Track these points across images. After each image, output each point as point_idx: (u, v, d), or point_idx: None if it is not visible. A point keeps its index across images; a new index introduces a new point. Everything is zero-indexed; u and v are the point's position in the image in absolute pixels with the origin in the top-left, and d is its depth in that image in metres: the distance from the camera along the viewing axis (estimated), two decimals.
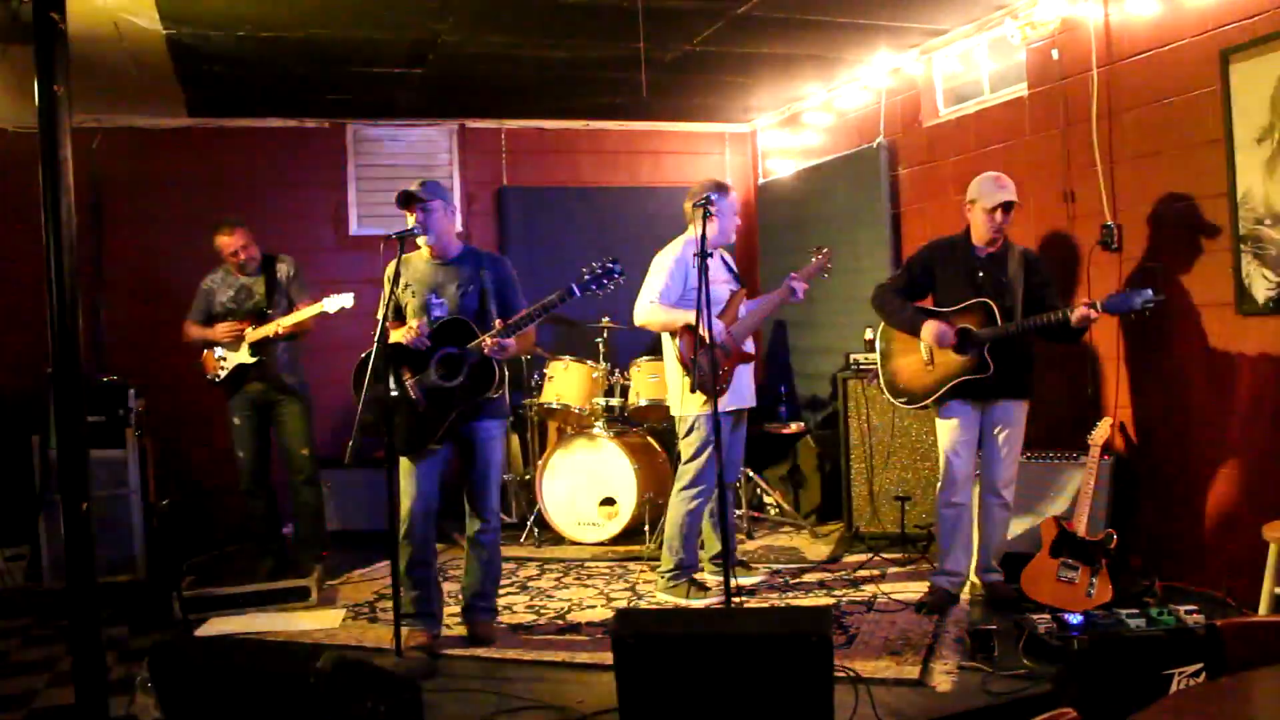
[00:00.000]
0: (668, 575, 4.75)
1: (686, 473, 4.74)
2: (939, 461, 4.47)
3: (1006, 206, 4.28)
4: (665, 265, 4.73)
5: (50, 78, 3.12)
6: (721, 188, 4.78)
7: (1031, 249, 4.44)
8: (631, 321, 4.83)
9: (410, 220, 4.08)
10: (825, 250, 4.92)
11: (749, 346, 4.83)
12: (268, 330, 5.12)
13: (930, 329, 4.33)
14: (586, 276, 3.96)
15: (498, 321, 3.99)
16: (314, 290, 5.28)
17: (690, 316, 4.33)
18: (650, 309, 4.67)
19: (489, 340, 3.93)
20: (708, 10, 4.86)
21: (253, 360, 5.17)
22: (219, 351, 5.25)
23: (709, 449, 4.62)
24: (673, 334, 4.69)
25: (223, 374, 5.22)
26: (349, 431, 3.91)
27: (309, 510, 5.43)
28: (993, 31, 5.29)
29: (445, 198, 4.15)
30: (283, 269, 5.33)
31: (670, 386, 4.86)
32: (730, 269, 4.94)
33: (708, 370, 4.22)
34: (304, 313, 5.12)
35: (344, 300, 5.07)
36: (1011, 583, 4.37)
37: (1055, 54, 4.90)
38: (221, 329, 5.23)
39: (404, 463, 4.08)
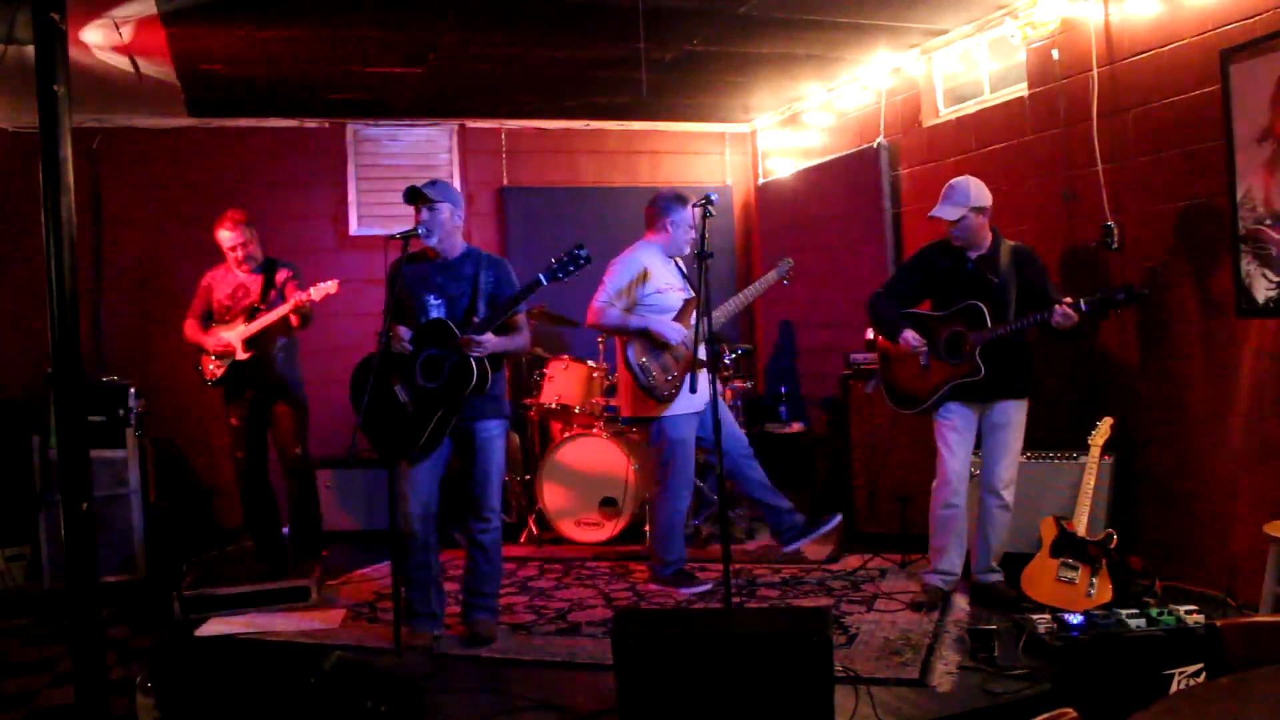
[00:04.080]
0: (657, 569, 4.94)
1: (661, 475, 4.89)
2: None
3: (942, 221, 4.31)
4: (617, 270, 4.87)
5: (50, 78, 3.12)
6: (681, 199, 4.95)
7: (1025, 244, 4.43)
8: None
9: (415, 219, 4.09)
10: (789, 262, 5.07)
11: (701, 353, 4.81)
12: (258, 326, 5.16)
13: (904, 339, 4.38)
14: (554, 264, 3.96)
15: (475, 319, 4.01)
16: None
17: (643, 322, 4.73)
18: (601, 311, 4.80)
19: (463, 338, 3.93)
20: (708, 10, 4.86)
21: (247, 356, 5.19)
22: (216, 345, 5.27)
23: (678, 450, 4.82)
24: (624, 339, 4.83)
25: (220, 373, 5.24)
26: (348, 431, 3.93)
27: (303, 508, 5.44)
28: (993, 31, 5.29)
29: (453, 199, 4.16)
30: (283, 274, 5.37)
31: (622, 391, 4.97)
32: (684, 276, 5.01)
33: (676, 374, 4.60)
34: (287, 306, 5.16)
35: (327, 286, 5.12)
36: (1011, 583, 4.38)
37: (1055, 54, 4.90)
38: (212, 342, 5.25)
39: (404, 464, 4.08)
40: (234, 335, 5.19)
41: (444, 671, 3.87)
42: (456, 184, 7.12)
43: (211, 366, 5.25)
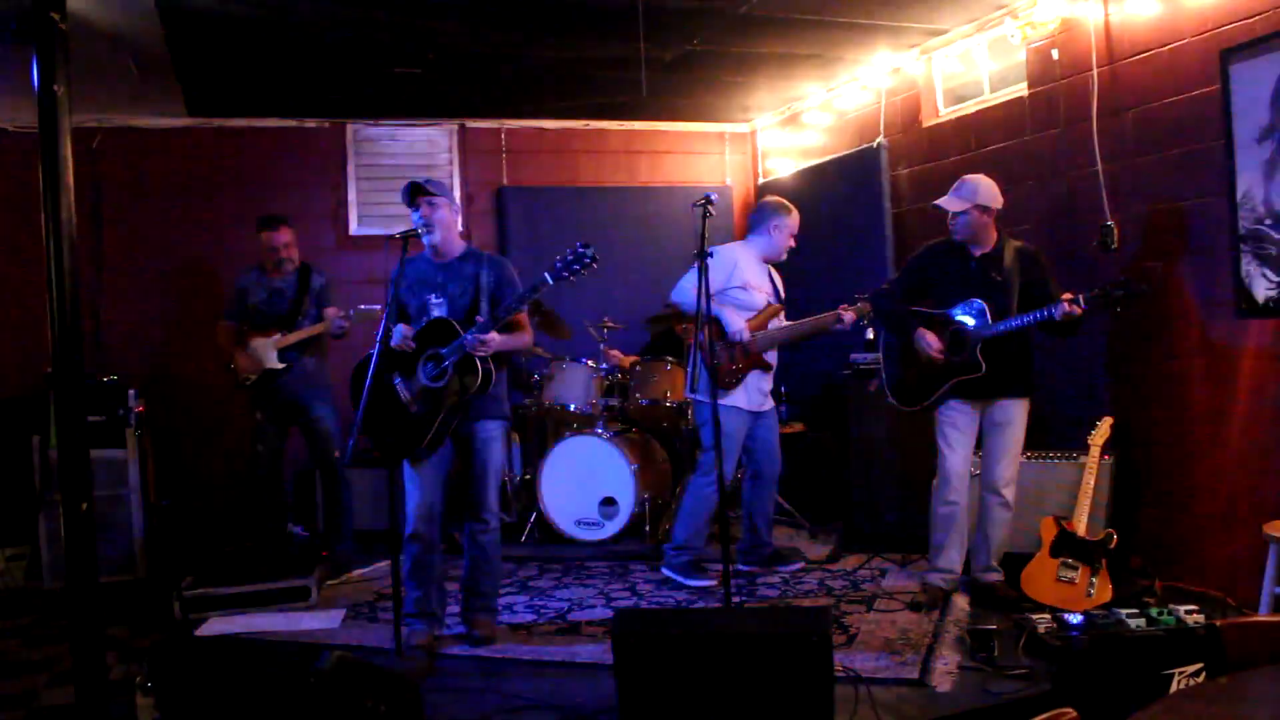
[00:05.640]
0: (670, 552, 4.98)
1: (702, 460, 4.94)
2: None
3: (944, 210, 4.35)
4: (710, 259, 4.93)
5: (50, 78, 3.12)
6: (785, 207, 5.09)
7: (1029, 245, 4.45)
8: (636, 318, 4.99)
9: (414, 217, 4.09)
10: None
11: (770, 357, 5.01)
12: (293, 339, 5.28)
13: (920, 339, 4.36)
14: (559, 264, 3.93)
15: (479, 319, 4.01)
16: (340, 303, 5.40)
17: (722, 311, 4.82)
18: (684, 290, 4.90)
19: (468, 337, 3.93)
20: (708, 10, 4.86)
21: (282, 366, 5.27)
22: (250, 352, 5.34)
23: (722, 441, 4.76)
24: (701, 323, 4.86)
25: (254, 378, 5.31)
26: (347, 430, 3.94)
27: (336, 507, 5.57)
28: (993, 31, 5.29)
29: (451, 197, 4.18)
30: (318, 280, 5.46)
31: (686, 370, 5.12)
32: (774, 283, 5.16)
33: (720, 361, 4.58)
34: (325, 326, 5.29)
35: (371, 311, 5.26)
36: (1011, 583, 4.38)
37: (1055, 54, 4.90)
38: (245, 362, 5.36)
39: (409, 463, 4.08)
40: (269, 344, 5.26)
41: (444, 671, 3.87)
42: (456, 184, 7.13)
43: (247, 371, 5.34)
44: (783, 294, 5.19)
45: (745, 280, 4.95)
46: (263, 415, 5.39)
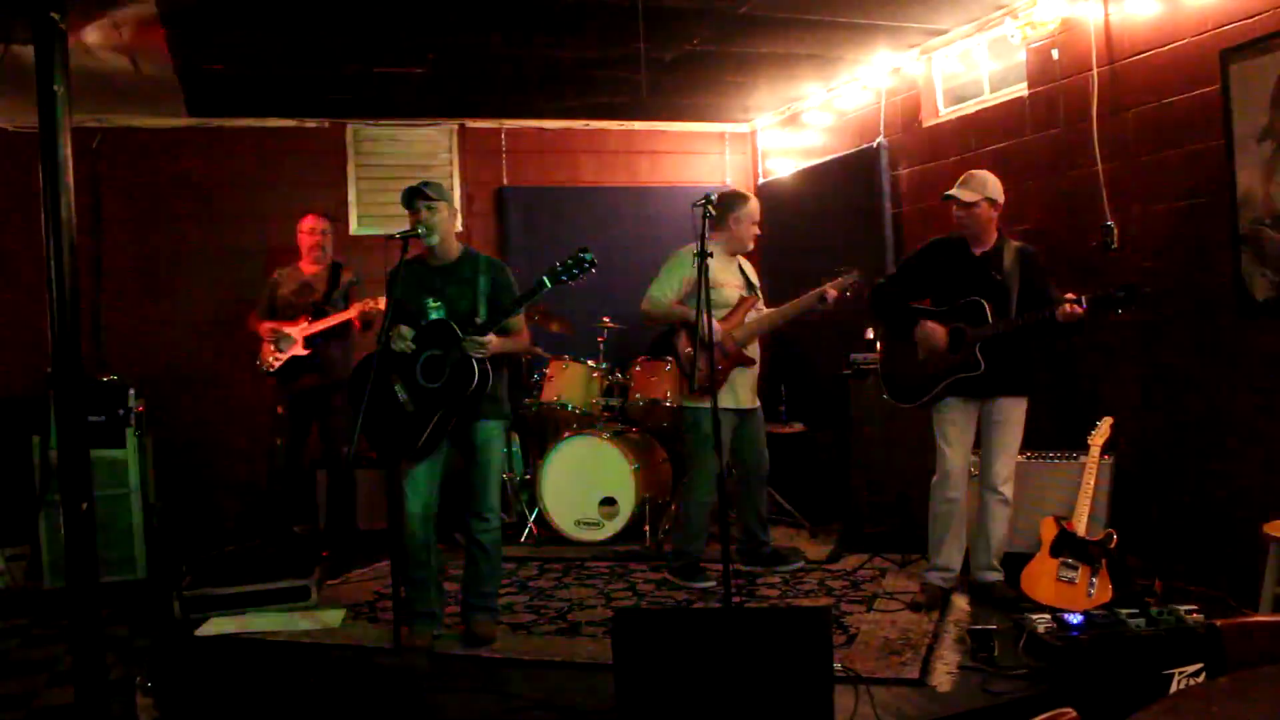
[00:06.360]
0: (669, 558, 5.05)
1: (689, 466, 4.99)
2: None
3: (957, 201, 4.34)
4: (669, 263, 4.96)
5: (50, 78, 3.12)
6: (741, 197, 5.06)
7: (1029, 245, 4.45)
8: (636, 318, 5.13)
9: (413, 220, 4.09)
10: (857, 272, 4.97)
11: (752, 351, 4.97)
12: (321, 326, 5.37)
13: (921, 333, 4.35)
14: (557, 267, 3.95)
15: (476, 320, 4.02)
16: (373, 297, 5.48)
17: (688, 315, 4.66)
18: (651, 301, 4.89)
19: (466, 339, 3.94)
20: (708, 10, 4.86)
21: (306, 353, 5.33)
22: (276, 341, 5.42)
23: (709, 443, 4.73)
24: (675, 328, 4.93)
25: (277, 365, 5.37)
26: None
27: (340, 506, 5.66)
28: (993, 31, 5.29)
29: (450, 200, 4.19)
30: (347, 276, 5.59)
31: (671, 379, 5.17)
32: (745, 275, 5.11)
33: (703, 367, 4.40)
34: (352, 311, 5.40)
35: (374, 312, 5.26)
36: (1011, 583, 4.38)
37: (1055, 54, 4.90)
38: (265, 327, 5.51)
39: (405, 463, 4.09)
40: (295, 332, 5.35)
41: (444, 671, 3.87)
42: (456, 184, 7.14)
43: (270, 358, 5.39)
44: (756, 283, 5.15)
45: (713, 278, 4.89)
46: (284, 408, 5.45)
